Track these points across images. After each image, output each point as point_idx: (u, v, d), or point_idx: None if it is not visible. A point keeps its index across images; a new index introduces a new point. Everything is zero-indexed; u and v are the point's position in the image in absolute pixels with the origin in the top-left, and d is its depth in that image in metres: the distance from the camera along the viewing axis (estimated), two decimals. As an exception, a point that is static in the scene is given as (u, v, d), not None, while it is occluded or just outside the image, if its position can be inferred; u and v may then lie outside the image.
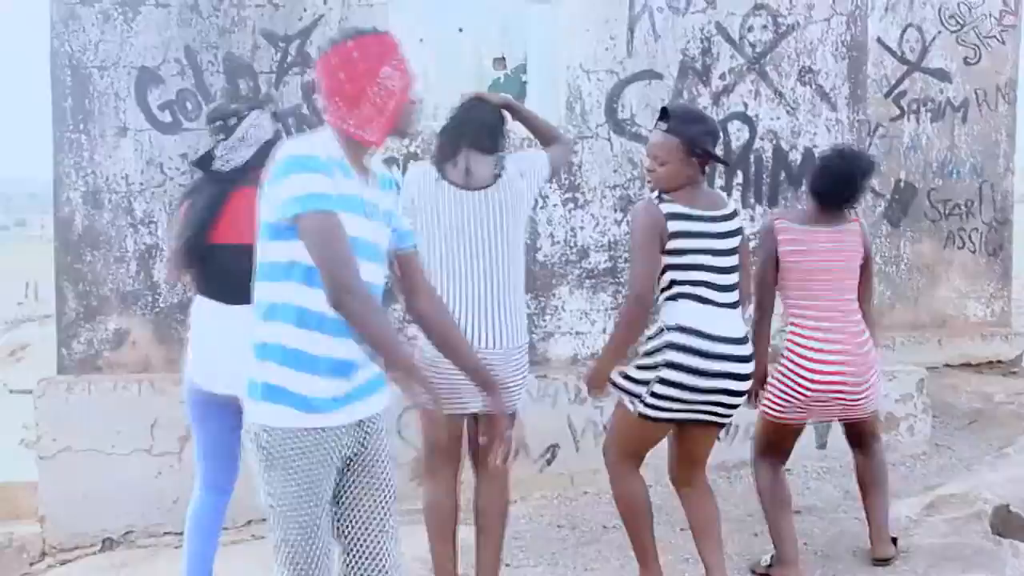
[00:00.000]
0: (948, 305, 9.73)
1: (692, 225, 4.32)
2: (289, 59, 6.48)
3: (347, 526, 3.32)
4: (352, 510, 3.32)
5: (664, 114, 4.45)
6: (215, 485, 4.55)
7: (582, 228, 6.76)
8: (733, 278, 4.39)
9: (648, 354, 4.33)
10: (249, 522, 5.94)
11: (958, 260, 9.73)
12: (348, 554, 3.33)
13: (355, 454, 3.29)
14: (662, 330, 4.31)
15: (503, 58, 6.98)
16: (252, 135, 4.37)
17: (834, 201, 4.90)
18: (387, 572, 3.33)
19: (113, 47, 6.40)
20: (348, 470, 3.30)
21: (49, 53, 6.40)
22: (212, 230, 4.28)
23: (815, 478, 6.51)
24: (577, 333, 6.80)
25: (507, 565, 5.27)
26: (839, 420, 5.11)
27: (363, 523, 3.32)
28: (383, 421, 3.36)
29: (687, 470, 4.63)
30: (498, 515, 4.57)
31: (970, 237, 9.76)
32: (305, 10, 6.48)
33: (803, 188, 5.16)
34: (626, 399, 4.41)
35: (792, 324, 4.91)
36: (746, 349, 4.38)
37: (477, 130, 4.41)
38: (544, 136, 4.73)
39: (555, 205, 6.72)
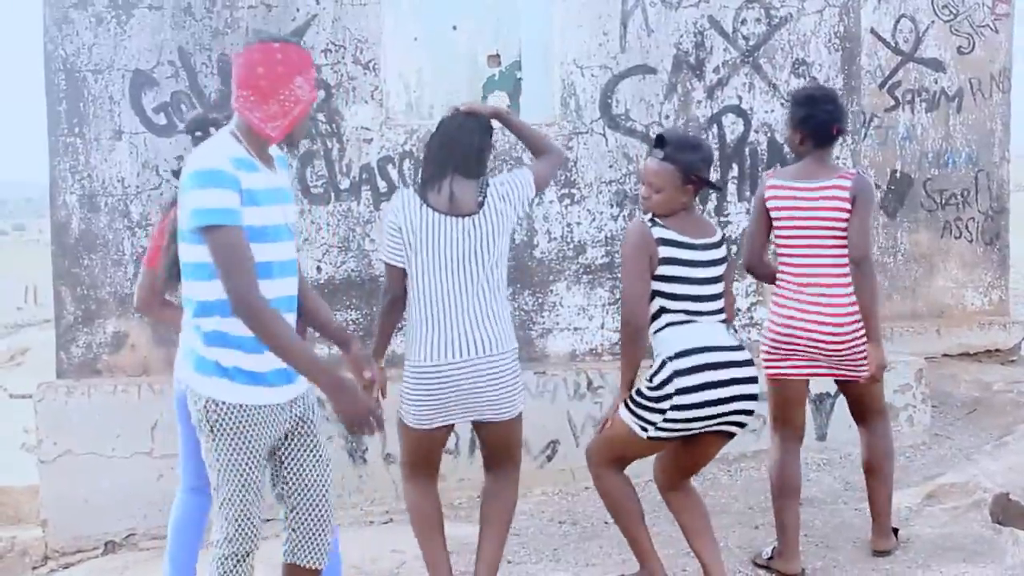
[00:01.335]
0: (946, 295, 9.75)
1: (682, 252, 4.39)
2: (283, 59, 6.47)
3: (291, 492, 3.70)
4: (298, 476, 3.69)
5: (660, 141, 4.50)
6: (198, 487, 4.56)
7: (578, 224, 6.77)
8: (718, 304, 4.48)
9: (656, 388, 4.34)
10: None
11: (955, 250, 9.75)
12: (294, 513, 3.72)
13: (293, 428, 3.65)
14: (664, 363, 4.34)
15: (497, 55, 6.97)
16: None
17: (823, 127, 4.91)
18: (327, 527, 3.75)
19: (107, 50, 6.40)
20: (288, 443, 3.67)
21: (43, 57, 6.41)
22: None
23: (815, 469, 6.52)
24: (575, 329, 6.80)
25: (508, 561, 5.28)
26: (835, 379, 5.06)
27: (306, 488, 3.70)
28: (312, 396, 3.72)
29: (679, 477, 4.66)
30: (505, 513, 4.60)
31: (967, 226, 9.77)
32: (298, 10, 6.48)
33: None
34: (634, 425, 4.42)
35: (778, 275, 4.97)
36: (745, 354, 4.44)
37: (464, 155, 4.38)
38: (534, 147, 4.70)
39: (551, 201, 6.72)
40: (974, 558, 4.95)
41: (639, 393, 4.42)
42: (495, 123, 4.60)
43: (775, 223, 4.94)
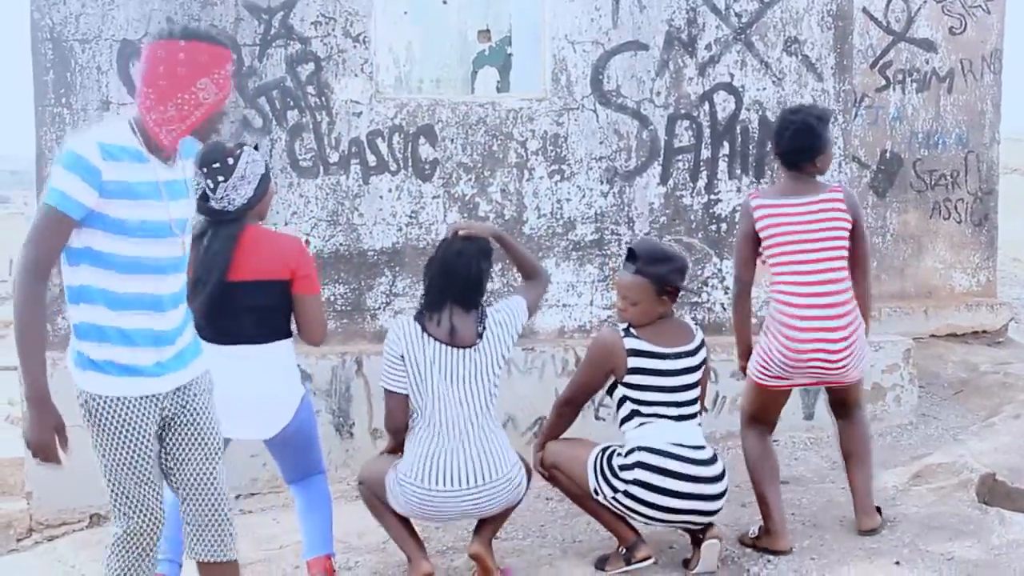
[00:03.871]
0: (934, 275, 9.76)
1: (653, 363, 4.50)
2: (272, 31, 6.43)
3: (180, 480, 3.58)
4: (182, 465, 3.57)
5: (631, 255, 4.56)
6: None
7: (568, 200, 6.74)
8: (692, 408, 4.58)
9: (621, 468, 4.48)
10: (238, 496, 5.94)
11: (944, 231, 9.76)
12: (185, 505, 3.60)
13: (176, 415, 3.53)
14: (632, 451, 4.47)
15: (488, 30, 6.93)
16: (251, 171, 4.32)
17: (800, 154, 4.90)
18: (222, 515, 3.61)
19: (94, 20, 6.34)
20: (172, 430, 3.55)
21: (30, 26, 6.34)
22: (233, 268, 4.26)
23: (802, 448, 6.53)
24: (564, 305, 6.78)
25: (496, 537, 5.27)
26: (822, 386, 5.10)
27: (194, 476, 3.57)
28: (204, 382, 3.62)
29: None
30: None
31: (956, 207, 9.77)
32: (288, -18, 6.43)
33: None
34: (592, 481, 4.56)
35: (775, 293, 4.94)
36: (716, 469, 4.53)
37: (462, 287, 4.43)
38: (526, 269, 4.79)
39: (541, 177, 6.69)
40: (960, 537, 4.95)
41: (612, 457, 4.54)
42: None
43: (769, 242, 4.89)
